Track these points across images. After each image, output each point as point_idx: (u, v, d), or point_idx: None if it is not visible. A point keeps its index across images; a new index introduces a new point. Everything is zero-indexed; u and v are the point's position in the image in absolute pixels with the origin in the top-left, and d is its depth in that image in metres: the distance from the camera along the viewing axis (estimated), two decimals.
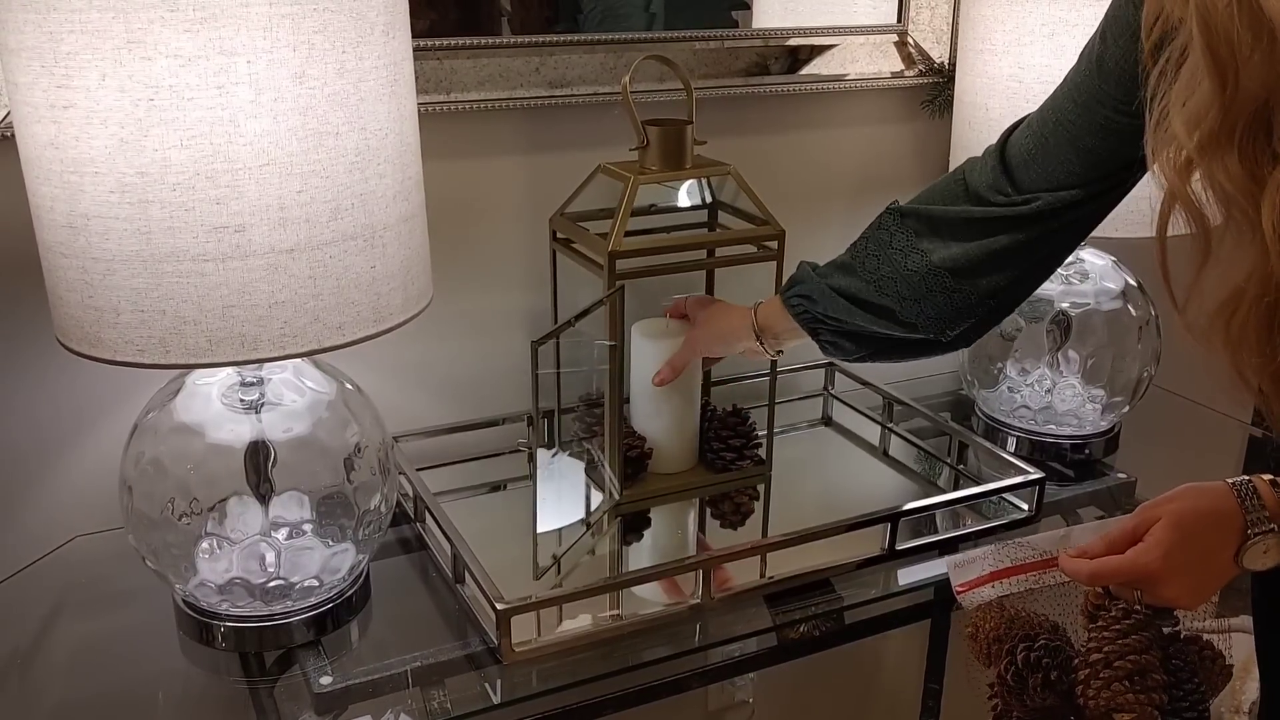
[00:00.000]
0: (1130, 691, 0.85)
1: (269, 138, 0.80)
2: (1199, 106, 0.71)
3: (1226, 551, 0.85)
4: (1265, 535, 0.84)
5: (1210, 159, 0.72)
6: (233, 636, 1.00)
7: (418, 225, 0.95)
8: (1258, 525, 0.84)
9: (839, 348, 1.09)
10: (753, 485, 1.28)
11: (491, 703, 0.95)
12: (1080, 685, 0.88)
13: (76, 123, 0.78)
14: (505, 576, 1.00)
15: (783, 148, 1.45)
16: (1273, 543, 0.85)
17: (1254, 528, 0.84)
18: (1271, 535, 0.84)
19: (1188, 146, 0.72)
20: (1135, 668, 0.86)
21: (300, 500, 0.99)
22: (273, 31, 0.78)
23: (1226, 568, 0.86)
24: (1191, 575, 0.87)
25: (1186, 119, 0.72)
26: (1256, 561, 0.85)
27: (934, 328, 1.02)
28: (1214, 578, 0.87)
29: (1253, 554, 0.85)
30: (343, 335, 0.89)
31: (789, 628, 1.06)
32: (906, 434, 1.40)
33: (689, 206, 1.31)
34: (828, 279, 1.07)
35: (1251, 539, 0.84)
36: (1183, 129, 0.72)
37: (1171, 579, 0.86)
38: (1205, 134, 0.71)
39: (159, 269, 0.81)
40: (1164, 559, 0.86)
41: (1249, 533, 0.84)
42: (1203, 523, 0.86)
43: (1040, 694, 0.89)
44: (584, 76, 1.28)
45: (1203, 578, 0.87)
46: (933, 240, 1.00)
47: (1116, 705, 0.86)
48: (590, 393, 1.28)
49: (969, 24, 1.36)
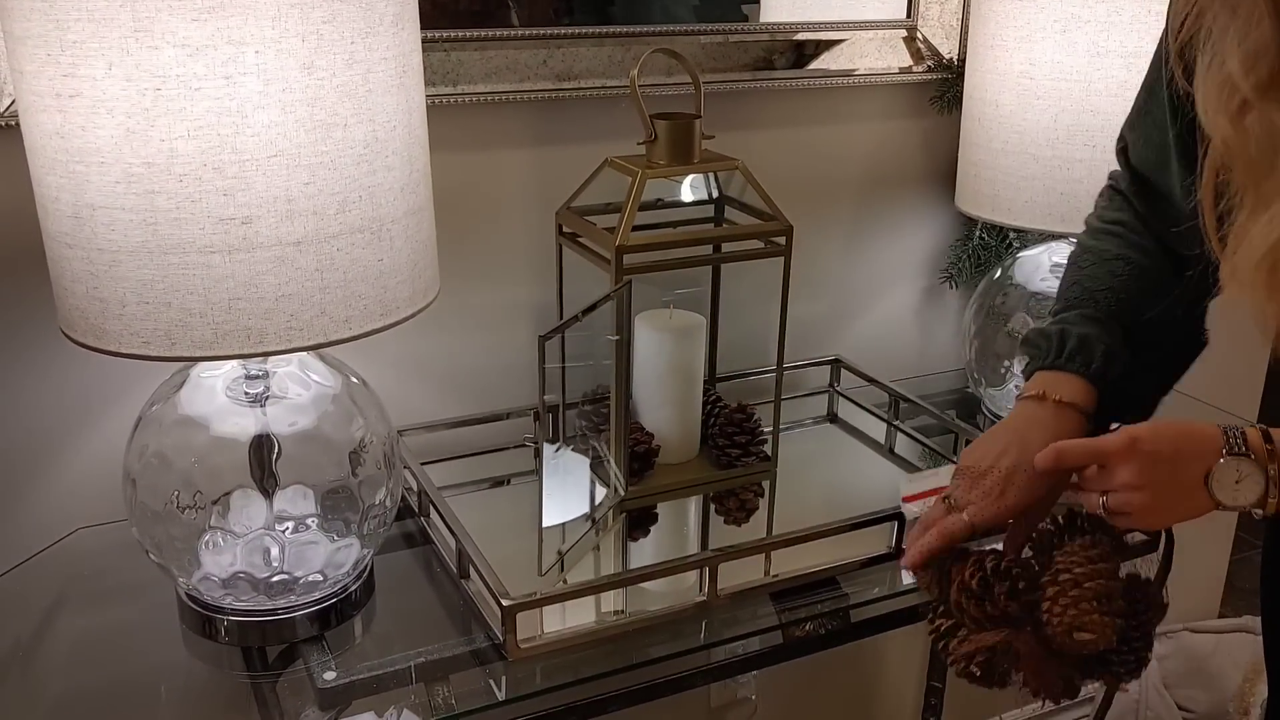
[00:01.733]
0: (1097, 612, 0.85)
1: (277, 129, 0.80)
2: (1258, 46, 0.70)
3: (1198, 466, 0.81)
4: (1239, 459, 0.80)
5: (1266, 100, 0.71)
6: (236, 630, 1.00)
7: (425, 218, 0.94)
8: (1235, 449, 0.81)
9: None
10: (758, 482, 1.27)
11: (496, 699, 0.94)
12: (1047, 601, 0.87)
13: (82, 112, 0.78)
14: (510, 572, 1.00)
15: (791, 143, 1.44)
16: (1248, 472, 0.81)
17: (1230, 450, 0.81)
18: (1247, 462, 0.81)
19: (1243, 87, 0.71)
20: (1103, 590, 0.85)
21: (305, 494, 0.98)
22: (281, 21, 0.78)
23: (1195, 488, 0.82)
24: (1158, 471, 0.83)
25: (1243, 59, 0.71)
26: (1226, 490, 0.81)
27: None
28: (1179, 492, 0.83)
29: (1223, 478, 0.81)
30: (349, 329, 0.88)
31: (794, 626, 1.05)
32: (912, 431, 1.39)
33: (696, 201, 1.30)
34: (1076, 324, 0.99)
35: (1225, 458, 0.81)
36: (1239, 68, 0.71)
37: (1134, 463, 0.82)
38: (1262, 74, 0.70)
39: (165, 260, 0.81)
40: (1130, 441, 0.82)
41: (1224, 452, 0.81)
42: (1180, 430, 0.83)
43: (1004, 602, 0.88)
44: (592, 69, 1.27)
45: (1169, 483, 0.83)
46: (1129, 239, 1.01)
47: (1080, 624, 0.85)
48: (596, 388, 1.28)
49: (979, 19, 1.35)
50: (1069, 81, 1.25)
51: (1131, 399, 0.99)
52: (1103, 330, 0.97)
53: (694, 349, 1.26)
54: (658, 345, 1.23)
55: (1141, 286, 0.99)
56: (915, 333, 1.63)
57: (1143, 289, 0.99)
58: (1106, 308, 0.99)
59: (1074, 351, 0.96)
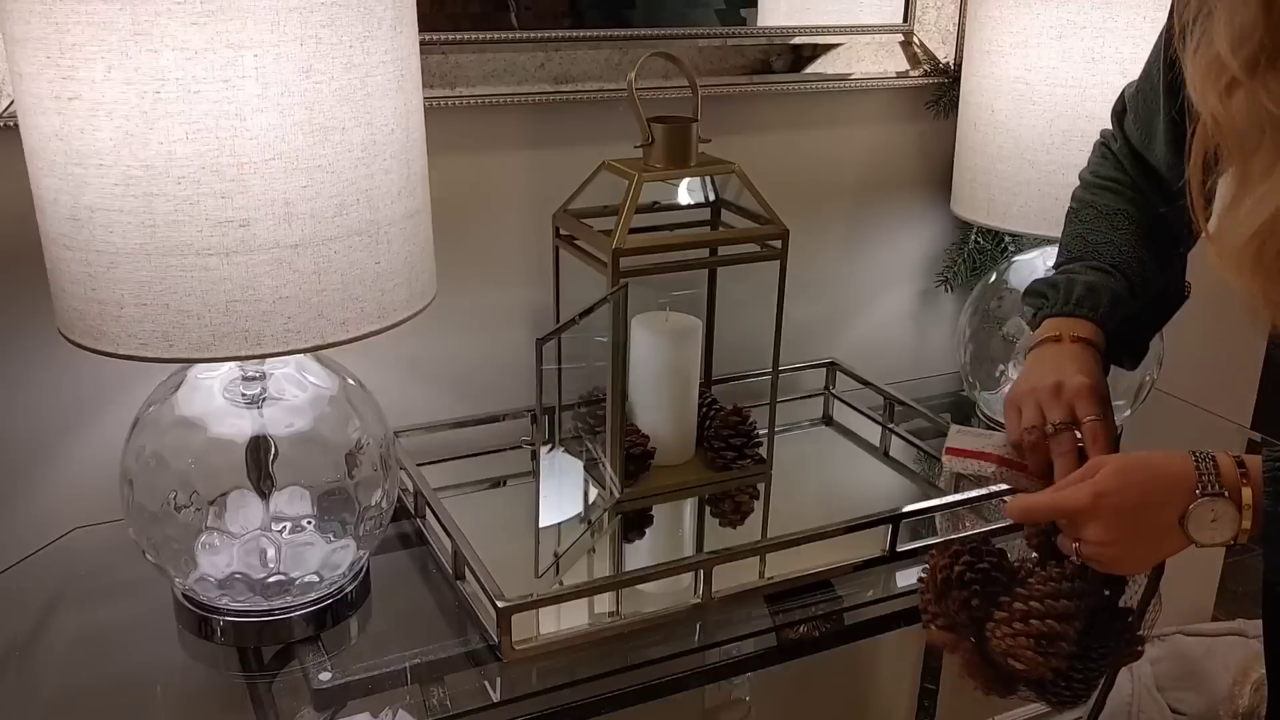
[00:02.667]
0: (1031, 650, 0.85)
1: (275, 132, 0.80)
2: (1244, 26, 0.71)
3: (1170, 511, 0.80)
4: (1214, 499, 0.79)
5: (1254, 78, 0.72)
6: (232, 631, 1.00)
7: (423, 221, 0.95)
8: (1208, 488, 0.79)
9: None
10: (753, 484, 1.28)
11: (491, 700, 0.95)
12: (992, 623, 0.88)
13: (82, 114, 0.78)
14: (506, 573, 1.00)
15: (787, 146, 1.45)
16: (1222, 510, 0.79)
17: (1204, 490, 0.79)
18: (1221, 501, 0.79)
19: (1231, 65, 0.72)
20: (1047, 631, 0.85)
21: (301, 495, 0.98)
22: (280, 25, 0.78)
23: (1169, 530, 0.80)
24: (1125, 524, 0.81)
25: (1231, 38, 0.72)
26: (1203, 530, 0.79)
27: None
28: (1153, 537, 0.82)
29: (1198, 519, 0.79)
30: (346, 331, 0.88)
31: (788, 628, 1.05)
32: (907, 434, 1.39)
33: (692, 204, 1.30)
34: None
35: (1198, 500, 0.79)
36: (1226, 47, 0.72)
37: (1101, 520, 0.81)
38: (1250, 52, 0.71)
39: (163, 263, 0.81)
40: (1094, 498, 0.81)
41: (1196, 493, 0.79)
42: (1148, 473, 0.82)
43: (956, 608, 0.89)
44: (589, 72, 1.27)
45: (1139, 531, 0.82)
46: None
47: (1013, 654, 0.86)
48: (592, 390, 1.28)
49: (976, 25, 1.36)
50: (1065, 87, 1.25)
51: (1129, 343, 1.02)
52: (1107, 278, 0.99)
53: (690, 351, 1.26)
54: (654, 347, 1.23)
55: (1140, 238, 1.01)
56: (910, 336, 1.63)
57: (1142, 240, 1.01)
58: (1110, 259, 1.01)
59: (1081, 298, 0.98)
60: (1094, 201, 1.05)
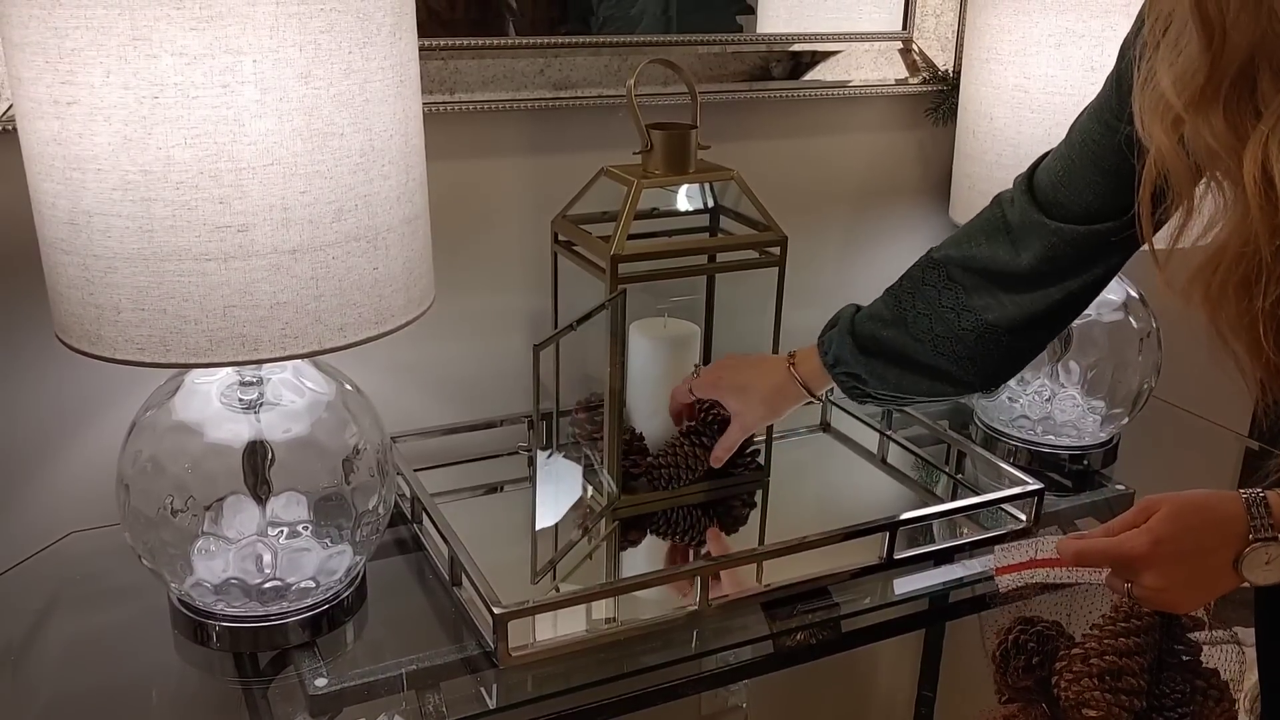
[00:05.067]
0: (1099, 690, 0.85)
1: (273, 137, 0.80)
2: (1187, 65, 0.73)
3: (1224, 554, 0.83)
4: (1268, 544, 0.82)
5: (1196, 116, 0.73)
6: (228, 636, 1.00)
7: (421, 227, 0.95)
8: (1261, 532, 0.82)
9: (878, 401, 1.11)
10: (751, 491, 1.27)
11: (487, 707, 0.94)
12: (1056, 676, 0.88)
13: (80, 119, 0.78)
14: (502, 579, 1.00)
15: (786, 153, 1.45)
16: (1277, 554, 0.82)
17: (1257, 534, 0.82)
18: (1275, 545, 0.82)
19: (1175, 104, 0.74)
20: (1110, 667, 0.85)
21: (298, 501, 0.98)
22: (279, 31, 0.78)
23: (1223, 572, 0.83)
24: (1182, 570, 0.84)
25: (1175, 78, 0.74)
26: (1257, 572, 0.83)
27: (986, 382, 1.04)
28: (1208, 579, 0.85)
29: (1253, 561, 0.82)
30: (344, 337, 0.88)
31: (786, 635, 1.05)
32: (905, 442, 1.39)
33: (691, 210, 1.30)
34: (875, 334, 1.07)
35: (1252, 545, 0.82)
36: (1170, 87, 0.74)
37: (1158, 567, 0.84)
38: (1192, 91, 0.73)
39: (161, 267, 0.81)
40: (1152, 545, 0.84)
41: (1250, 538, 0.82)
42: (1202, 518, 0.84)
43: (1020, 675, 0.89)
44: (589, 79, 1.27)
45: (1195, 575, 0.84)
46: (985, 297, 1.00)
47: (1084, 700, 0.85)
48: (590, 396, 1.28)
49: (975, 32, 1.36)
50: (1063, 96, 1.25)
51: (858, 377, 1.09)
52: (876, 326, 1.08)
53: (688, 357, 1.26)
54: (652, 353, 1.23)
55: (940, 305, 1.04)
56: None
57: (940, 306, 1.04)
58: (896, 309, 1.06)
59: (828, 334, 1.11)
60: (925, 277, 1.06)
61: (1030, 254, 0.97)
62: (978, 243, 1.01)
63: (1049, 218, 0.96)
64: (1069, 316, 1.01)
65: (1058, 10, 1.23)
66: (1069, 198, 0.95)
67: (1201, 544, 0.84)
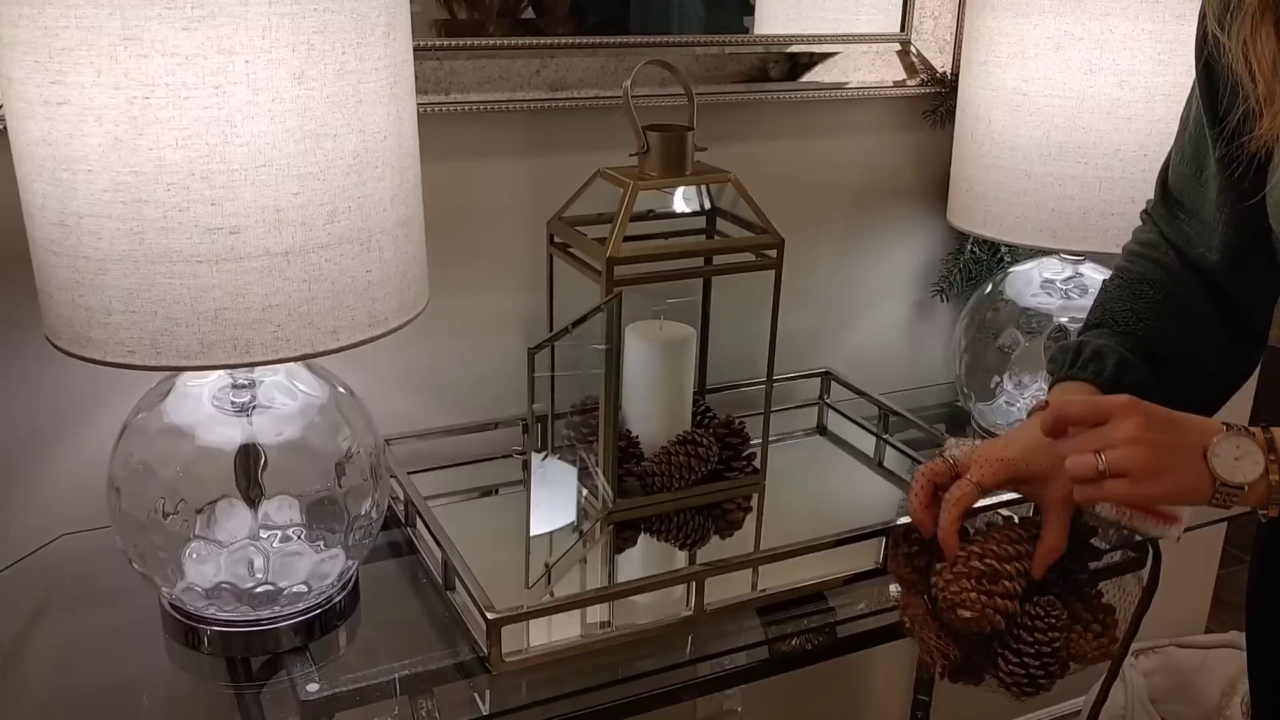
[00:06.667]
0: (975, 590, 0.85)
1: (266, 139, 0.79)
2: None
3: (1196, 436, 0.81)
4: (1239, 435, 0.80)
5: None
6: (219, 641, 0.99)
7: (415, 229, 0.94)
8: (1234, 427, 0.81)
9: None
10: (746, 494, 1.27)
11: (480, 713, 0.94)
12: (936, 576, 0.88)
13: (70, 119, 0.77)
14: (496, 584, 0.99)
15: (783, 155, 1.44)
16: (1248, 450, 0.80)
17: (1230, 426, 0.81)
18: (1247, 440, 0.80)
19: None
20: (988, 570, 0.85)
21: (290, 504, 0.98)
22: (272, 31, 0.77)
23: (1194, 457, 0.80)
24: (1155, 431, 0.81)
25: None
26: (1226, 464, 0.80)
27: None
28: (1178, 457, 0.81)
29: (1223, 450, 0.80)
30: (336, 340, 0.87)
31: (781, 640, 1.05)
32: (902, 445, 1.39)
33: (688, 213, 1.30)
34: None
35: (1224, 432, 0.80)
36: None
37: (1134, 418, 0.81)
38: None
39: (151, 269, 0.80)
40: (1131, 400, 0.82)
41: (1223, 426, 0.81)
42: (1176, 411, 0.84)
43: (901, 563, 0.91)
44: (585, 79, 1.27)
45: (1167, 447, 0.81)
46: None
47: (960, 601, 0.85)
48: (585, 399, 1.27)
49: (973, 35, 1.36)
50: (1062, 98, 1.25)
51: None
52: (1119, 342, 0.98)
53: (684, 360, 1.25)
54: (648, 356, 1.22)
55: (1168, 310, 1.00)
56: (906, 346, 1.63)
57: (1169, 311, 1.00)
58: (1126, 324, 1.00)
59: (1087, 360, 0.98)
60: (1124, 268, 1.05)
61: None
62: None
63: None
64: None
65: (1056, 13, 1.23)
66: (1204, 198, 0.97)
67: (1176, 418, 0.82)
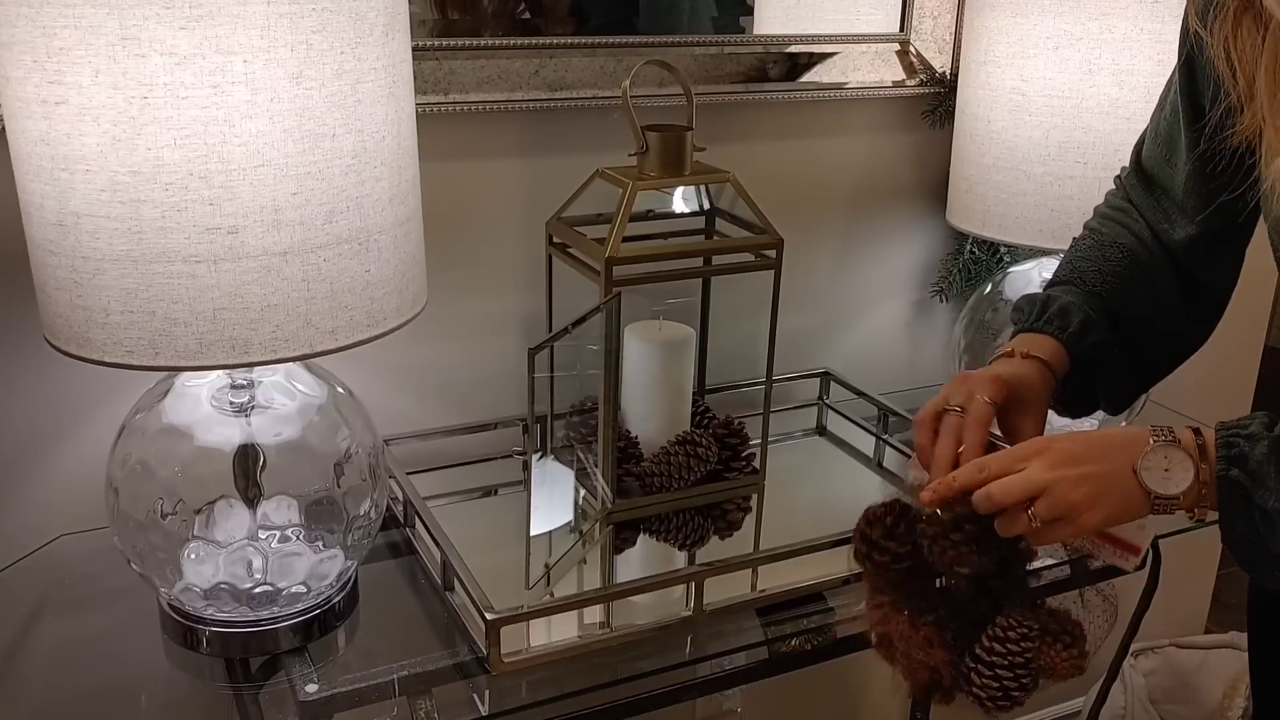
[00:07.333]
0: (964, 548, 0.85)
1: (264, 138, 0.79)
2: None
3: (1123, 456, 0.80)
4: (1167, 445, 0.80)
5: None
6: (218, 641, 0.99)
7: (414, 229, 0.94)
8: (1162, 436, 0.81)
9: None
10: (745, 495, 1.27)
11: (479, 713, 0.94)
12: (925, 541, 0.87)
13: (68, 119, 0.77)
14: (495, 584, 0.99)
15: (782, 155, 1.44)
16: (1177, 460, 0.80)
17: (1157, 437, 0.80)
18: (1175, 449, 0.80)
19: None
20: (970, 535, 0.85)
21: (289, 505, 0.98)
22: (270, 31, 0.77)
23: (1124, 478, 0.80)
24: (1079, 467, 0.80)
25: None
26: (1156, 479, 0.80)
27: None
28: (1109, 482, 0.80)
29: (1152, 464, 0.80)
30: (335, 340, 0.87)
31: (780, 641, 1.05)
32: (901, 445, 1.39)
33: (687, 213, 1.30)
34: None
35: (1150, 445, 0.80)
36: None
37: (1049, 455, 0.81)
38: None
39: (150, 269, 0.80)
40: (1049, 440, 0.82)
41: (1150, 440, 0.80)
42: (1101, 434, 0.84)
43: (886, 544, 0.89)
44: (583, 80, 1.27)
45: (1095, 476, 0.80)
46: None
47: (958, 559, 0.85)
48: (585, 399, 1.27)
49: (972, 35, 1.36)
50: (1061, 99, 1.25)
51: (1110, 380, 1.00)
52: (1084, 301, 0.99)
53: (683, 361, 1.25)
54: (647, 356, 1.22)
55: (1133, 275, 1.01)
56: (905, 346, 1.63)
57: (1134, 276, 1.01)
58: (1092, 285, 1.01)
59: (1052, 316, 0.98)
60: (1094, 229, 1.05)
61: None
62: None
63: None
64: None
65: (1055, 13, 1.23)
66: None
67: (1100, 444, 0.82)
